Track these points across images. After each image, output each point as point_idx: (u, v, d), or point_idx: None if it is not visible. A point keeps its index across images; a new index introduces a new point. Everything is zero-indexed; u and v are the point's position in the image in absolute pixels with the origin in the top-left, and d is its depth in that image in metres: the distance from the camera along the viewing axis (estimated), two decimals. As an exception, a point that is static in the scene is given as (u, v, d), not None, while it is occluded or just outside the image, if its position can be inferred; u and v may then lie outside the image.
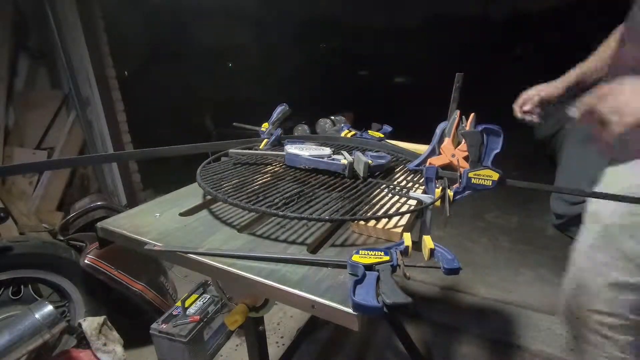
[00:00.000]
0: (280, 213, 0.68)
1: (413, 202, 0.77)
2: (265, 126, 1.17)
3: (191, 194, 0.94)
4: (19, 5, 2.15)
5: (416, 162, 0.97)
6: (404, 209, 0.75)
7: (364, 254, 0.57)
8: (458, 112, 0.91)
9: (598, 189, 0.87)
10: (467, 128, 0.85)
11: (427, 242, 0.60)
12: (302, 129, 2.57)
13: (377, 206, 0.76)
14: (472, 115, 0.90)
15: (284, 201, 0.74)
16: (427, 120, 1.35)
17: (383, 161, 0.96)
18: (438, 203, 0.71)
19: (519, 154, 3.03)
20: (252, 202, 0.72)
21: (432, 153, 0.91)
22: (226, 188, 0.82)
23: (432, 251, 0.60)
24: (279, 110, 1.18)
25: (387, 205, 0.76)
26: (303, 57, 3.99)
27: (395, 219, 0.73)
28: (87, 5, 2.23)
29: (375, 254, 0.57)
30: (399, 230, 0.69)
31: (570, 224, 1.54)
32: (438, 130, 0.90)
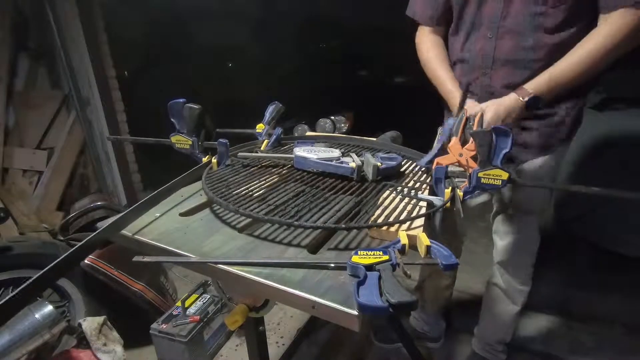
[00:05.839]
0: (296, 223, 0.66)
1: (423, 204, 0.76)
2: (260, 127, 1.14)
3: (192, 194, 0.94)
4: (19, 5, 2.15)
5: (427, 158, 0.95)
6: (415, 211, 0.74)
7: (363, 255, 0.57)
8: (466, 110, 0.90)
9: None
10: (475, 127, 0.84)
11: (423, 239, 0.60)
12: (302, 129, 2.58)
13: (388, 210, 0.75)
14: (479, 114, 0.89)
15: (295, 209, 0.73)
16: (427, 121, 1.34)
17: (394, 163, 0.94)
18: (449, 204, 0.71)
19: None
20: (262, 212, 0.71)
21: (442, 150, 0.89)
22: (234, 196, 0.80)
23: (428, 248, 0.59)
24: (271, 109, 1.14)
25: (399, 209, 0.75)
26: (303, 57, 3.98)
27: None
28: (87, 5, 2.23)
29: (374, 254, 0.57)
30: (417, 232, 0.67)
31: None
32: (446, 126, 0.89)
